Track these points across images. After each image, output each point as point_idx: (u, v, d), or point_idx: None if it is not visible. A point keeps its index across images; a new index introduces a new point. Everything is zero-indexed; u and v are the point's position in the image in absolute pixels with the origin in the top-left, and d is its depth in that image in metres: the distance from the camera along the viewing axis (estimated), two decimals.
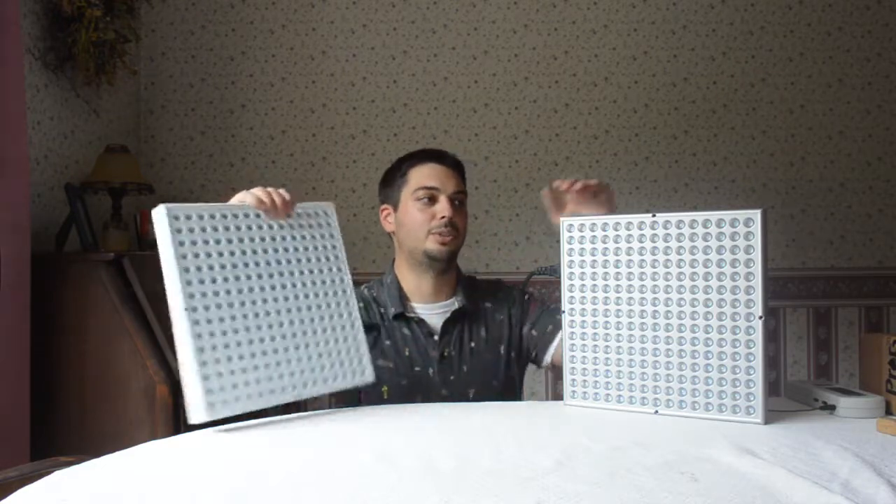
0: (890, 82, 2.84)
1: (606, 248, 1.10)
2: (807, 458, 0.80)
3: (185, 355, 0.94)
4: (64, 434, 1.80)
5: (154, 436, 0.95)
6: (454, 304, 1.41)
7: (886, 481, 0.72)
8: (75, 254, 1.98)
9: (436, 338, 1.37)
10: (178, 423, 1.78)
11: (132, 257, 1.89)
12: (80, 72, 2.20)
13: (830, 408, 1.07)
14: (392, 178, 1.44)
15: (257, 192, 1.10)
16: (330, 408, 2.30)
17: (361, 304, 1.40)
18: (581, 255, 1.13)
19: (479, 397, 1.35)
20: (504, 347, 1.41)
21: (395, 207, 1.42)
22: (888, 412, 1.06)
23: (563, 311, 1.14)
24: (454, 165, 1.42)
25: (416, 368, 1.35)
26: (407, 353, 1.36)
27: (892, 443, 0.89)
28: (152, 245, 0.99)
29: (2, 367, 1.64)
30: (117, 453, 0.86)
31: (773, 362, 2.82)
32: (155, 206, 1.00)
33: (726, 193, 2.82)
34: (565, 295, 1.14)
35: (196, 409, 0.94)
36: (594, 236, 1.11)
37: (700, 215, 1.03)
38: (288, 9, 2.79)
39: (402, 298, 1.40)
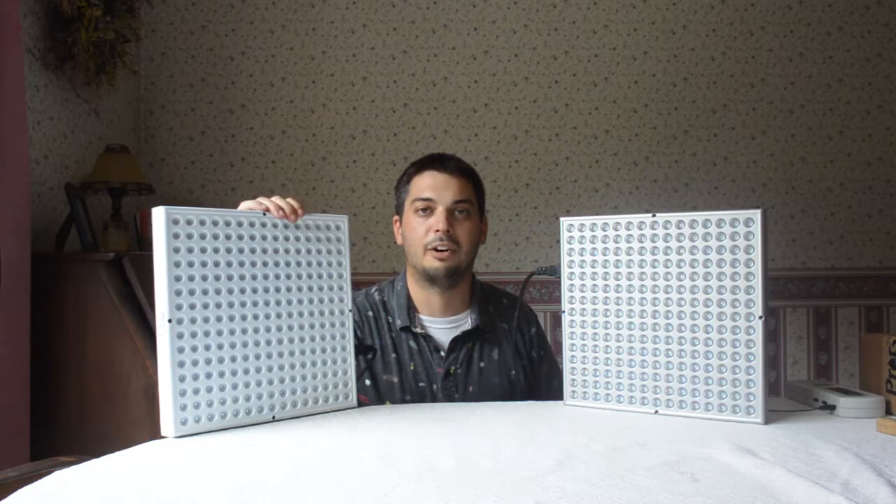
0: (890, 82, 2.84)
1: (606, 248, 1.10)
2: (807, 458, 0.80)
3: (164, 367, 0.93)
4: (64, 434, 1.80)
5: (154, 436, 0.94)
6: (466, 319, 1.35)
7: (886, 481, 0.72)
8: (75, 254, 1.98)
9: (442, 353, 1.32)
10: None
11: (132, 257, 1.89)
12: (80, 72, 2.20)
13: (830, 408, 1.07)
14: (398, 187, 1.37)
15: (261, 199, 1.05)
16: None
17: (370, 313, 1.35)
18: (581, 254, 1.12)
19: None
20: (514, 373, 1.35)
21: (401, 218, 1.36)
22: (888, 412, 1.06)
23: (563, 311, 1.14)
24: (458, 172, 1.32)
25: (421, 384, 1.30)
26: (412, 368, 1.31)
27: (892, 443, 0.89)
28: (152, 245, 0.97)
29: (2, 367, 1.64)
30: (117, 453, 0.86)
31: (773, 362, 2.82)
32: (155, 206, 0.97)
33: (726, 193, 2.82)
34: (565, 295, 1.14)
35: (167, 424, 0.93)
36: (594, 236, 1.11)
37: (700, 215, 1.03)
38: (288, 9, 2.79)
39: (410, 309, 1.34)
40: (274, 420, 1.01)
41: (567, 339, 1.14)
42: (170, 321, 0.92)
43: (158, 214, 0.94)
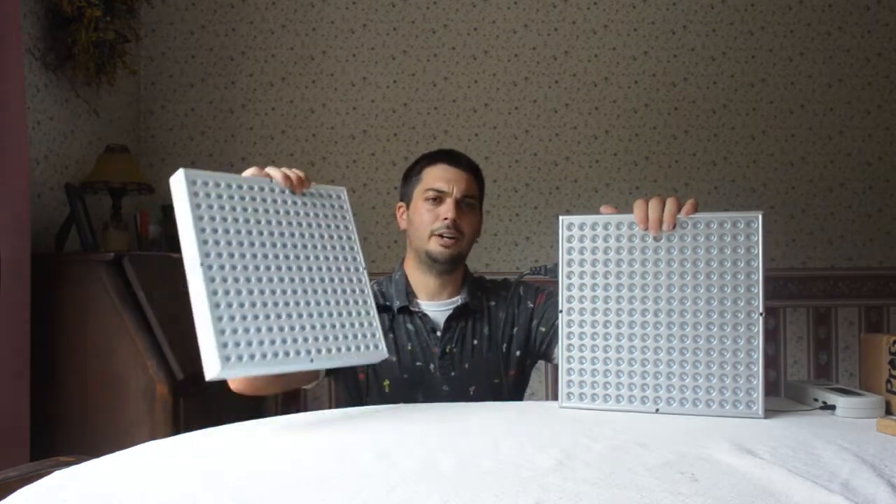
0: (890, 82, 2.84)
1: (608, 248, 1.10)
2: (807, 458, 0.80)
3: (201, 310, 0.91)
4: (64, 434, 1.80)
5: (154, 436, 0.94)
6: (458, 301, 1.42)
7: (886, 481, 0.72)
8: (75, 254, 1.98)
9: (438, 334, 1.38)
10: (177, 423, 1.78)
11: (132, 257, 1.89)
12: (80, 72, 2.20)
13: (830, 408, 1.07)
14: (409, 176, 1.46)
15: (269, 168, 1.07)
16: (331, 407, 2.30)
17: None
18: (581, 253, 1.11)
19: (480, 395, 1.35)
20: (506, 346, 1.41)
21: (408, 205, 1.44)
22: (888, 412, 1.06)
23: (561, 311, 1.12)
24: (468, 168, 1.42)
25: (418, 363, 1.36)
26: (409, 348, 1.37)
27: (892, 443, 0.89)
28: (152, 245, 0.99)
29: (2, 367, 1.64)
30: (117, 453, 0.86)
31: (772, 362, 2.82)
32: (155, 205, 0.99)
33: (726, 193, 2.82)
34: (563, 295, 1.12)
35: (212, 365, 0.89)
36: (595, 235, 1.11)
37: (703, 217, 1.04)
38: (288, 9, 2.80)
39: (409, 294, 1.41)
40: (312, 363, 1.01)
41: (564, 340, 1.12)
42: (202, 265, 0.93)
43: (177, 177, 0.97)
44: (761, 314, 1.01)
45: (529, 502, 0.66)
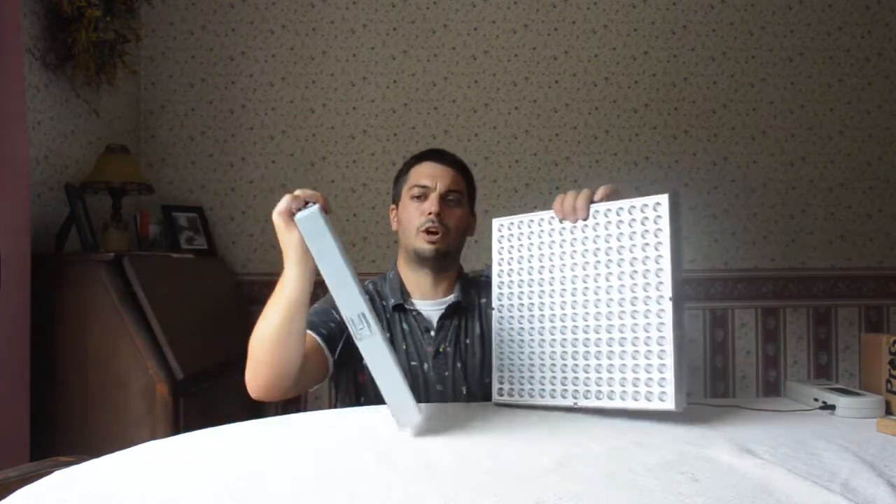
0: (890, 82, 2.84)
1: (532, 244, 1.14)
2: (807, 458, 0.80)
3: (383, 366, 0.94)
4: (64, 434, 1.80)
5: (154, 436, 0.94)
6: (451, 300, 1.42)
7: (886, 481, 0.72)
8: (75, 254, 1.98)
9: (432, 333, 1.39)
10: (177, 423, 1.78)
11: (132, 257, 1.89)
12: (80, 72, 2.19)
13: (830, 408, 1.07)
14: (398, 178, 1.47)
15: (307, 192, 1.07)
16: (331, 407, 2.30)
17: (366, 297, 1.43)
18: (510, 252, 1.17)
19: (473, 394, 1.35)
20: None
21: (398, 205, 1.45)
22: (888, 412, 1.06)
23: (493, 309, 1.16)
24: (452, 164, 1.43)
25: (413, 363, 1.37)
26: (404, 348, 1.38)
27: (892, 443, 0.89)
28: (152, 245, 0.98)
29: (2, 368, 1.64)
30: (117, 453, 0.86)
31: (773, 362, 2.82)
32: (155, 205, 0.98)
33: (726, 193, 2.82)
34: (495, 293, 1.16)
35: (413, 415, 0.93)
36: (521, 234, 1.15)
37: (614, 204, 1.06)
38: (288, 9, 2.79)
39: (403, 293, 1.42)
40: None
41: (496, 337, 1.15)
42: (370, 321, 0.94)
43: (314, 215, 0.95)
44: (670, 299, 0.96)
45: (529, 502, 0.66)
